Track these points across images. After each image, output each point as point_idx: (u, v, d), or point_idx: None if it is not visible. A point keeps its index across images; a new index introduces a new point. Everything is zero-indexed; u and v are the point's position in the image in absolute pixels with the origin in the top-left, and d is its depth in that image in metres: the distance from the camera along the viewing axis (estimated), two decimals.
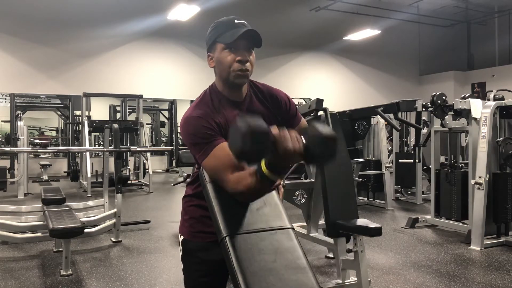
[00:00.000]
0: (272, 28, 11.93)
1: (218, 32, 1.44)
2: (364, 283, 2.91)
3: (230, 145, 1.19)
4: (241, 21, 1.45)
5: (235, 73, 1.41)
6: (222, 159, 1.34)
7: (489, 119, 4.40)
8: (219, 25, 1.46)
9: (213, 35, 1.46)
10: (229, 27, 1.43)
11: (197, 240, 1.52)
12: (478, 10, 14.14)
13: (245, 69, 1.42)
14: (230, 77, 1.42)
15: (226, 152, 1.32)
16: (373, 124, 6.68)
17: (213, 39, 1.46)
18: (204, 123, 1.38)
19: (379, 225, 2.86)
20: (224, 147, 1.35)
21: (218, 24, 1.46)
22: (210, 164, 1.37)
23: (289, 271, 1.25)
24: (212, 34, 1.46)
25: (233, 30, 1.41)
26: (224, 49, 1.42)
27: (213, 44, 1.46)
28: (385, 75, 14.98)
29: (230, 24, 1.44)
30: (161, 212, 6.43)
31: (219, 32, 1.44)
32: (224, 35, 1.42)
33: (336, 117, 3.28)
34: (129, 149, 6.19)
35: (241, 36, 1.39)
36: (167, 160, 12.83)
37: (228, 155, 1.31)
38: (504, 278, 3.48)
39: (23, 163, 7.80)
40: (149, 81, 11.78)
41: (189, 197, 1.58)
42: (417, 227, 5.23)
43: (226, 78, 1.43)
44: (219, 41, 1.43)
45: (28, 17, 10.58)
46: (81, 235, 3.77)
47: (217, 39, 1.44)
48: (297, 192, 3.77)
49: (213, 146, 1.36)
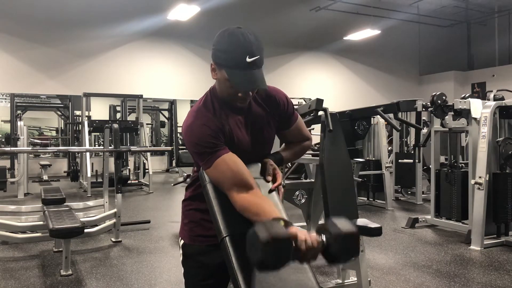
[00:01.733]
0: (272, 28, 11.93)
1: (227, 63, 1.33)
2: (364, 283, 2.91)
3: (249, 253, 1.08)
4: (253, 59, 1.31)
5: (235, 103, 1.42)
6: (226, 174, 1.35)
7: (489, 119, 4.40)
8: (229, 53, 1.32)
9: (221, 58, 1.34)
10: (241, 67, 1.31)
11: (197, 244, 1.52)
12: (478, 10, 14.15)
13: (245, 102, 1.42)
14: (230, 100, 1.42)
15: (229, 167, 1.34)
16: (373, 124, 6.67)
17: (219, 62, 1.35)
18: (208, 132, 1.36)
19: (379, 225, 2.86)
20: (227, 161, 1.35)
21: (229, 52, 1.32)
22: (213, 176, 1.38)
23: (289, 271, 1.25)
24: (220, 57, 1.35)
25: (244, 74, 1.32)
26: (228, 81, 1.35)
27: (218, 65, 1.36)
28: (385, 75, 14.98)
29: (242, 63, 1.30)
30: (161, 212, 6.43)
31: (228, 64, 1.33)
32: (233, 75, 1.33)
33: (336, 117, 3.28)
34: (129, 149, 6.18)
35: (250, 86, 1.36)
36: (167, 160, 12.82)
37: (231, 171, 1.33)
38: (504, 278, 3.48)
39: (23, 163, 7.80)
40: (149, 81, 11.78)
41: (188, 201, 1.58)
42: (417, 227, 5.23)
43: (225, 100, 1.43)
44: (226, 72, 1.34)
45: (28, 17, 10.57)
46: (81, 235, 3.77)
47: (224, 68, 1.34)
48: (297, 192, 3.76)
49: (217, 157, 1.35)
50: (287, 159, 1.65)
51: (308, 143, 1.69)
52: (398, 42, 14.73)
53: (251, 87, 1.36)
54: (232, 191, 1.33)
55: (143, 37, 11.66)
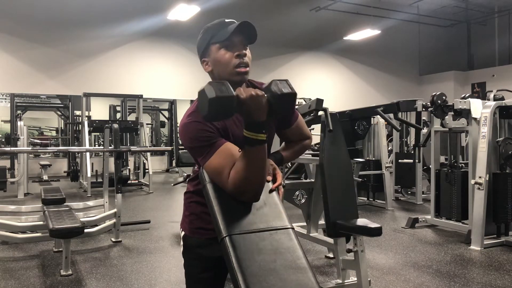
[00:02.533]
0: (272, 28, 11.93)
1: (210, 34, 1.44)
2: (364, 283, 2.91)
3: (199, 108, 1.28)
4: (231, 20, 1.45)
5: (235, 70, 1.40)
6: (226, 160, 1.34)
7: (489, 119, 4.40)
8: (209, 28, 1.46)
9: (205, 39, 1.45)
10: (221, 27, 1.43)
11: (196, 236, 1.53)
12: (478, 10, 14.15)
13: (245, 62, 1.41)
14: (231, 75, 1.41)
15: (230, 153, 1.34)
16: (373, 124, 6.68)
17: (205, 42, 1.45)
18: (203, 127, 1.37)
19: (379, 225, 2.86)
20: (228, 146, 1.36)
21: (209, 28, 1.46)
22: (214, 163, 1.36)
23: (289, 271, 1.25)
24: (204, 39, 1.46)
25: (225, 28, 1.42)
26: (220, 49, 1.42)
27: (206, 48, 1.45)
28: (385, 75, 14.99)
29: (221, 24, 1.44)
30: (161, 212, 6.43)
31: (212, 34, 1.43)
32: (218, 35, 1.42)
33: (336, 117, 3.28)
34: (129, 149, 6.18)
35: (236, 30, 1.39)
36: (167, 160, 12.83)
37: (232, 156, 1.33)
38: (504, 278, 3.48)
39: (23, 163, 7.80)
40: (149, 81, 11.78)
41: (190, 193, 1.58)
42: (417, 227, 5.23)
43: (226, 77, 1.41)
44: (213, 42, 1.43)
45: (28, 17, 10.58)
46: (81, 235, 3.77)
47: (210, 40, 1.43)
48: (297, 192, 3.77)
49: (216, 147, 1.35)
50: (287, 159, 1.65)
51: (308, 142, 1.70)
52: (398, 42, 14.73)
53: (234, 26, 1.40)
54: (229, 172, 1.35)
55: (143, 37, 11.66)
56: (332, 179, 3.13)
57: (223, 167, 1.34)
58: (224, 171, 1.34)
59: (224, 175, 1.34)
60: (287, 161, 1.69)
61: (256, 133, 1.27)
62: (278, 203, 1.42)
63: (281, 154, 1.60)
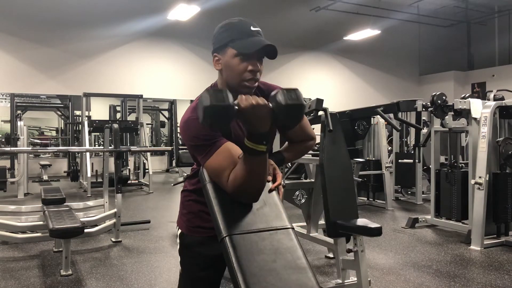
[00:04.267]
0: (272, 28, 11.90)
1: (232, 36, 1.37)
2: (364, 283, 2.91)
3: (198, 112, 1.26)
4: (257, 29, 1.39)
5: (244, 83, 1.38)
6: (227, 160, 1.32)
7: (489, 119, 4.40)
8: (233, 28, 1.39)
9: (225, 37, 1.39)
10: (245, 35, 1.37)
11: (195, 235, 1.52)
12: (478, 10, 14.14)
13: (255, 79, 1.39)
14: (239, 85, 1.39)
15: (230, 153, 1.33)
16: (373, 124, 6.68)
17: (224, 42, 1.39)
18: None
19: (379, 225, 2.86)
20: (228, 149, 1.34)
21: (232, 27, 1.39)
22: (214, 163, 1.35)
23: (289, 271, 1.25)
24: (224, 37, 1.39)
25: (250, 39, 1.36)
26: (235, 56, 1.37)
27: (223, 47, 1.40)
28: (385, 75, 14.99)
29: (247, 31, 1.37)
30: (161, 212, 6.43)
31: (233, 37, 1.37)
32: (240, 43, 1.36)
33: (336, 117, 3.28)
34: (129, 149, 6.18)
35: (260, 50, 1.35)
36: (167, 160, 12.83)
37: (232, 157, 1.32)
38: (504, 278, 3.48)
39: (23, 163, 7.80)
40: (149, 81, 11.78)
41: (188, 192, 1.57)
42: (417, 227, 5.23)
43: (233, 85, 1.39)
44: (232, 47, 1.37)
45: (28, 17, 10.58)
46: (81, 235, 3.77)
47: (230, 43, 1.37)
48: (297, 192, 3.77)
49: (217, 147, 1.34)
50: (289, 159, 1.63)
51: (312, 143, 1.67)
52: (398, 42, 14.73)
53: (260, 45, 1.35)
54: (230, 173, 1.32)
55: (143, 37, 11.66)
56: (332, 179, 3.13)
57: (223, 168, 1.33)
58: (224, 173, 1.33)
59: (223, 176, 1.33)
60: (288, 161, 1.67)
61: (256, 144, 1.23)
62: (278, 203, 1.42)
63: (283, 155, 1.59)
